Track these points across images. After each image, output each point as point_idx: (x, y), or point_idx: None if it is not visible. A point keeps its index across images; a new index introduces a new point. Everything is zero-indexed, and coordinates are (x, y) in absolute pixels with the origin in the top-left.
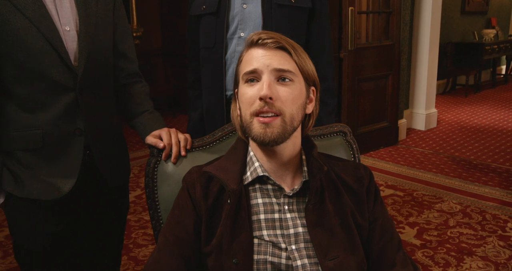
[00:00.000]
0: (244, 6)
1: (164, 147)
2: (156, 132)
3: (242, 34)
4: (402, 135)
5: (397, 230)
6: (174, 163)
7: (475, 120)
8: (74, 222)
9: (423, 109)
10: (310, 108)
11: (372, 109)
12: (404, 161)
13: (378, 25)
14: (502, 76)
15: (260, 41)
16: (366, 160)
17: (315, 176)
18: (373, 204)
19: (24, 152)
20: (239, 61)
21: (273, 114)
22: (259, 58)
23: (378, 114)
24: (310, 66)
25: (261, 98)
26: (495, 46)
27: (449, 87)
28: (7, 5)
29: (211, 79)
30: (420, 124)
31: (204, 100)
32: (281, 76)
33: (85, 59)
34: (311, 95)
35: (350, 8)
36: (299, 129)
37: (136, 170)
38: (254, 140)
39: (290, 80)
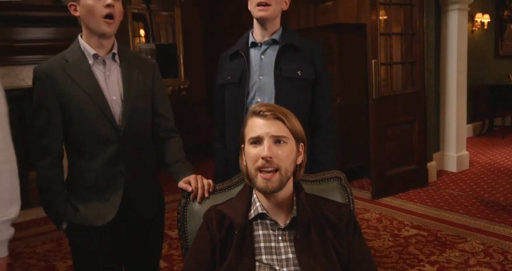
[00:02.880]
0: (261, 77)
1: (192, 191)
2: (186, 179)
3: (259, 100)
4: (433, 177)
5: (417, 268)
6: (199, 203)
7: (509, 162)
8: (118, 247)
9: (454, 152)
10: (299, 160)
11: (400, 153)
12: (432, 202)
13: (403, 74)
14: None
15: (261, 113)
16: (395, 201)
17: (301, 213)
18: (352, 237)
19: (82, 188)
20: (245, 123)
21: (272, 169)
22: (261, 127)
23: (406, 157)
24: (298, 127)
25: (263, 158)
26: None
27: (486, 129)
28: (72, 84)
29: (234, 135)
30: (451, 166)
31: (228, 152)
32: (277, 140)
33: (126, 120)
34: (300, 149)
35: (373, 61)
36: (291, 176)
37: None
38: (258, 191)
39: (284, 142)
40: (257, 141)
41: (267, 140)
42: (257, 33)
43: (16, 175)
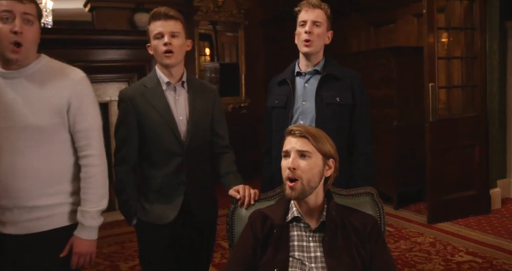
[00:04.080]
0: (304, 103)
1: (240, 198)
2: (236, 187)
3: (301, 122)
4: (496, 204)
5: None
6: (246, 209)
7: None
8: (176, 245)
9: None
10: (328, 173)
11: (459, 178)
12: (492, 230)
13: (463, 97)
14: None
15: (292, 132)
16: (452, 227)
17: (330, 219)
18: (374, 243)
19: (150, 192)
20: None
21: (295, 179)
22: (290, 143)
23: (466, 182)
24: (326, 146)
25: (288, 168)
26: None
27: None
28: (148, 106)
29: (279, 152)
30: None
31: (274, 166)
32: (302, 154)
33: (190, 137)
34: (330, 164)
35: (430, 84)
36: (321, 186)
37: None
38: (286, 197)
39: (308, 156)
40: (287, 154)
41: (293, 153)
42: (302, 64)
43: (106, 176)
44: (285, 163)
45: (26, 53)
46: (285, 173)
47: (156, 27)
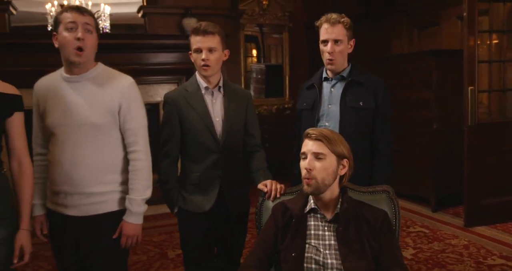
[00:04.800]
0: (329, 106)
1: (267, 192)
2: (264, 182)
3: (327, 124)
4: None
5: None
6: (272, 201)
7: None
8: (212, 233)
9: None
10: (343, 171)
11: (500, 183)
12: None
13: (505, 101)
14: None
15: (309, 135)
16: (488, 231)
17: (344, 211)
18: (384, 235)
19: (189, 185)
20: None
21: (310, 178)
22: (307, 145)
23: (505, 187)
24: (341, 148)
25: (305, 168)
26: None
27: None
28: (189, 108)
29: None
30: None
31: None
32: (317, 156)
33: (225, 136)
34: (344, 163)
35: (470, 88)
36: (336, 183)
37: None
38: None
39: (322, 158)
40: (304, 156)
41: (309, 155)
42: (329, 70)
43: (151, 169)
44: (303, 164)
45: (86, 57)
46: (303, 172)
47: (196, 42)
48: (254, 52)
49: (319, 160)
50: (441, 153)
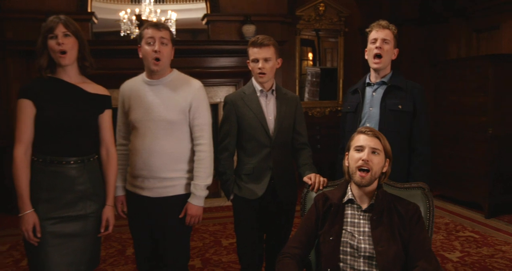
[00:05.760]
0: (371, 109)
1: (311, 184)
2: (309, 175)
3: (368, 125)
4: None
5: None
6: (315, 192)
7: None
8: (263, 219)
9: None
10: (385, 169)
11: None
12: None
13: None
14: None
15: (365, 131)
16: None
17: (378, 202)
18: (414, 226)
19: (244, 175)
20: (351, 138)
21: (366, 169)
22: (364, 140)
23: None
24: (388, 147)
25: (363, 160)
26: None
27: None
28: (246, 107)
29: None
30: None
31: None
32: (373, 151)
33: (276, 132)
34: (386, 163)
35: None
36: (377, 178)
37: None
38: (354, 183)
39: (378, 154)
40: (360, 149)
41: (367, 149)
42: (372, 76)
43: (212, 160)
44: (358, 155)
45: (163, 65)
46: (358, 163)
47: (254, 53)
48: (310, 55)
49: (374, 154)
50: (497, 159)
